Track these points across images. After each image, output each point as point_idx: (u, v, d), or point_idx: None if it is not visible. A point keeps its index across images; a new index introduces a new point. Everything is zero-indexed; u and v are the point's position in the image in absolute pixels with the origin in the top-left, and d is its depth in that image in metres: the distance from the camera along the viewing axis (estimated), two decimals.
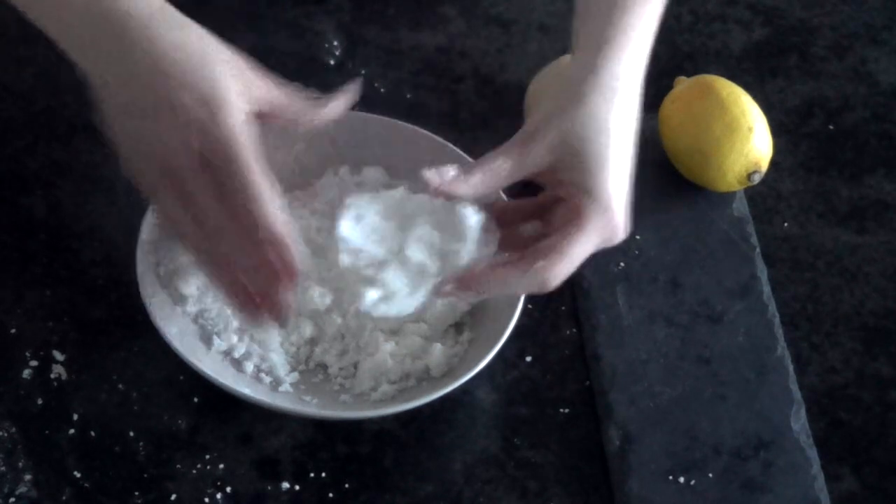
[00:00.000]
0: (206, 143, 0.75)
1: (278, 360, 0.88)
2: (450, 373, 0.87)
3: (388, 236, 0.80)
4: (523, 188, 0.85)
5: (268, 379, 0.87)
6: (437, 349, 0.88)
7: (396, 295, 0.79)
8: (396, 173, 0.95)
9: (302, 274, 0.78)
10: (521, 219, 0.84)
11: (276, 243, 0.76)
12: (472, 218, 0.79)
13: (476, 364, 0.85)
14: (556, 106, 0.81)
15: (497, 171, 0.79)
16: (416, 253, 0.79)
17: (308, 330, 0.89)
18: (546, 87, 1.01)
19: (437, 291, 0.80)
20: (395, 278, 0.79)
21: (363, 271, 0.80)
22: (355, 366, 0.88)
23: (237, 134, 0.75)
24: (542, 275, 0.78)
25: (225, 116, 0.75)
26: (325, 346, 0.89)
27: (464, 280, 0.79)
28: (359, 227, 0.80)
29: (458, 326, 0.91)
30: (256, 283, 0.78)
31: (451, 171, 0.78)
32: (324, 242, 0.92)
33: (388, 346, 0.88)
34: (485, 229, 0.80)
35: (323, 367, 0.89)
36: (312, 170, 0.96)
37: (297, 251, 0.77)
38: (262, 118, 0.78)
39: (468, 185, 0.78)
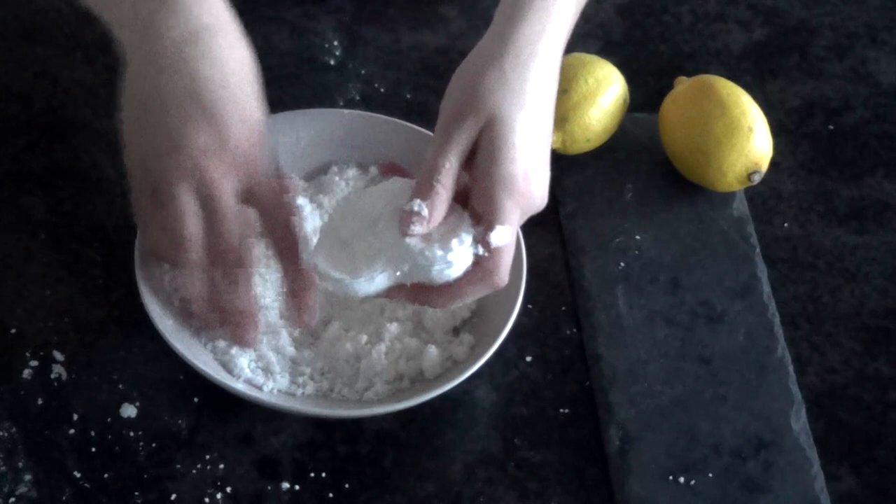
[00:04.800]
0: (254, 179, 0.82)
1: (276, 359, 0.87)
2: (445, 374, 0.87)
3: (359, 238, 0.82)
4: None
5: (267, 379, 0.87)
6: (433, 351, 0.88)
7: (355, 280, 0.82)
8: None
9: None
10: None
11: (308, 285, 0.84)
12: (466, 241, 0.81)
13: (471, 365, 0.85)
14: (472, 83, 0.83)
15: (452, 179, 0.81)
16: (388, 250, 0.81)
17: (307, 330, 0.90)
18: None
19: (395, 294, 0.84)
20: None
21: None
22: (351, 365, 0.88)
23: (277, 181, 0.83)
24: (495, 281, 0.82)
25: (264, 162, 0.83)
26: (322, 346, 0.89)
27: (433, 298, 0.83)
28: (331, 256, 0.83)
29: (455, 329, 0.91)
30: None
31: (424, 215, 0.80)
32: None
33: (382, 347, 0.88)
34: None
35: (320, 366, 0.89)
36: (314, 168, 0.97)
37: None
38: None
39: (442, 211, 0.81)
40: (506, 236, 0.81)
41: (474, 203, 0.82)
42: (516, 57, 0.83)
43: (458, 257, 0.80)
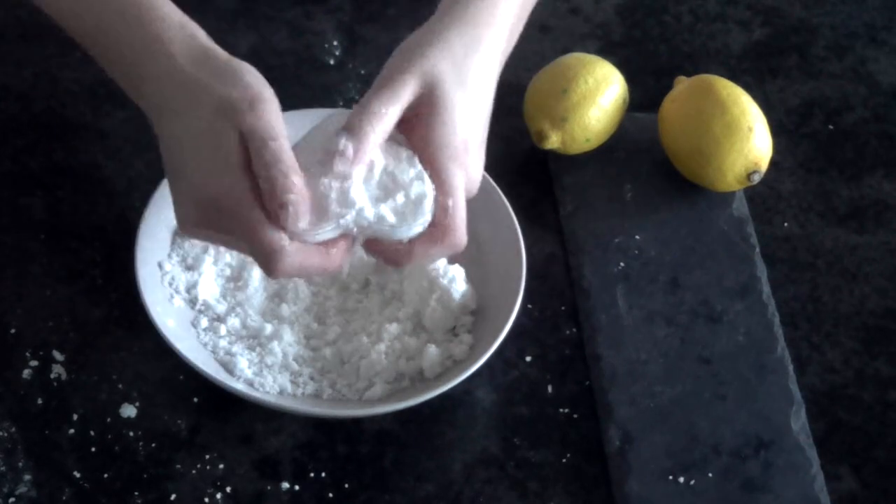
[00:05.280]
0: (248, 124, 0.78)
1: (276, 359, 0.88)
2: (445, 374, 0.87)
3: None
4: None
5: (267, 379, 0.87)
6: (432, 350, 0.88)
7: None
8: None
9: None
10: None
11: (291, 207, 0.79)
12: (427, 200, 0.80)
13: (471, 365, 0.85)
14: (417, 46, 0.83)
15: (384, 126, 0.80)
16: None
17: (307, 330, 0.90)
18: (540, 85, 1.01)
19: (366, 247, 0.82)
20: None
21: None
22: (350, 365, 0.88)
23: (276, 123, 0.78)
24: (454, 242, 0.81)
25: (268, 108, 0.78)
26: (321, 346, 0.89)
27: (389, 256, 0.82)
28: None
29: (455, 329, 0.91)
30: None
31: (348, 155, 0.78)
32: None
33: (382, 346, 0.88)
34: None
35: (319, 366, 0.89)
36: None
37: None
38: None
39: (367, 153, 0.79)
40: (460, 200, 0.81)
41: None
42: (462, 37, 0.84)
43: (415, 218, 0.80)
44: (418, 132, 0.82)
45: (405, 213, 0.80)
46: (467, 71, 0.83)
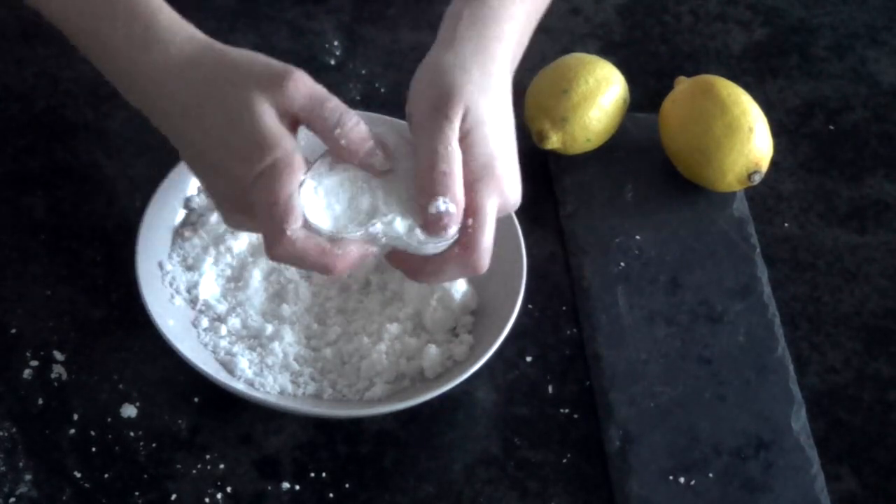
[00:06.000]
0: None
1: (276, 359, 0.88)
2: (445, 374, 0.87)
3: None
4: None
5: (267, 378, 0.87)
6: (433, 350, 0.88)
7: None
8: None
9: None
10: None
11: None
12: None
13: (471, 365, 0.85)
14: (446, 73, 0.83)
15: (460, 164, 0.81)
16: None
17: (307, 330, 0.90)
18: (539, 86, 1.01)
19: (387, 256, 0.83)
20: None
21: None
22: (351, 365, 0.88)
23: (270, 127, 0.79)
24: (474, 266, 0.81)
25: (260, 120, 0.79)
26: (322, 346, 0.89)
27: (411, 269, 0.82)
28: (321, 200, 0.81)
29: (455, 329, 0.91)
30: None
31: (453, 213, 0.79)
32: None
33: (382, 346, 0.88)
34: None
35: (320, 366, 0.89)
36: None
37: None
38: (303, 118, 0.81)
39: (463, 199, 0.80)
40: (485, 222, 0.81)
41: None
42: (476, 58, 0.84)
43: (444, 236, 0.80)
44: None
45: None
46: (489, 89, 0.83)
